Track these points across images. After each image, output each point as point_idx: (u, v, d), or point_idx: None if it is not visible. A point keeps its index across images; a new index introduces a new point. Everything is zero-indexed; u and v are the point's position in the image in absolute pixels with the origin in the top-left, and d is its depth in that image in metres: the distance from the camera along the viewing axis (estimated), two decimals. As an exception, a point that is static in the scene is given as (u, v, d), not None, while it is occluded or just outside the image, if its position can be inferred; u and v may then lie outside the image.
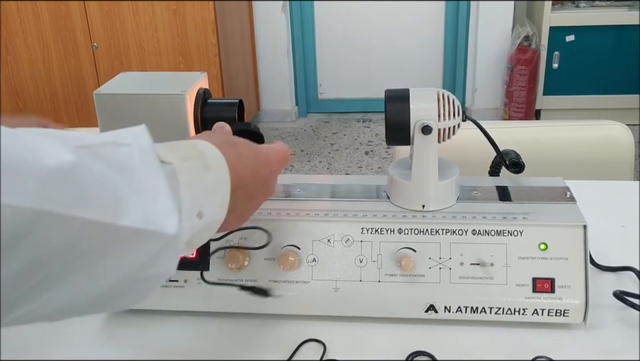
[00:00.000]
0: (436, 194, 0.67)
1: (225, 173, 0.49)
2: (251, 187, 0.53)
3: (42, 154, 0.34)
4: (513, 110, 3.40)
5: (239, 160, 0.51)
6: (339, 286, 0.65)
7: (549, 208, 0.67)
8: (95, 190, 0.37)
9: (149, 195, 0.40)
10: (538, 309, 0.63)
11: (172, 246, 0.42)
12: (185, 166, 0.45)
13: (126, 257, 0.40)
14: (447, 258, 0.65)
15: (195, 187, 0.45)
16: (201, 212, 0.45)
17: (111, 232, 0.38)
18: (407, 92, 0.65)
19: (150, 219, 0.40)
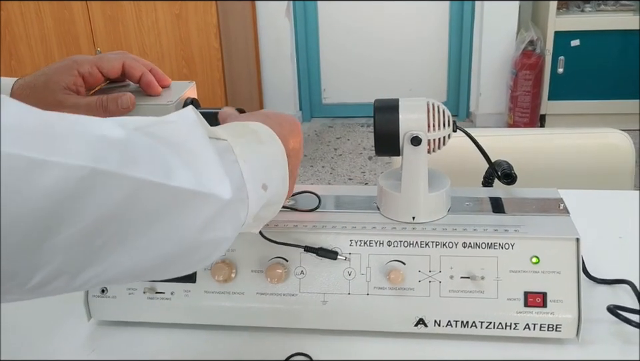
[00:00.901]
0: (426, 206, 0.66)
1: (279, 146, 0.52)
2: (297, 150, 0.57)
3: (95, 126, 0.37)
4: (517, 115, 3.38)
5: (283, 129, 0.54)
6: (327, 299, 0.64)
7: (542, 220, 0.65)
8: (146, 156, 0.39)
9: (199, 163, 0.42)
10: (529, 324, 0.62)
11: (228, 211, 0.43)
12: (240, 142, 0.47)
13: (183, 218, 0.40)
14: (437, 271, 0.63)
15: (254, 160, 0.47)
16: (265, 184, 0.48)
17: (164, 192, 0.39)
18: (396, 103, 0.64)
19: (202, 183, 0.41)
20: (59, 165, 0.33)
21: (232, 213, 0.44)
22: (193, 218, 0.41)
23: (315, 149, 3.45)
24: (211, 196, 0.41)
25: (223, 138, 0.46)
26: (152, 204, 0.39)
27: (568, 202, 0.69)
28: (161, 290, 0.66)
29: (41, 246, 0.34)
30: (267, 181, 0.48)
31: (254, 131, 0.50)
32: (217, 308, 0.66)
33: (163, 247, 0.41)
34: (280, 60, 3.60)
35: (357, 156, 3.33)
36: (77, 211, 0.35)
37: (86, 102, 0.64)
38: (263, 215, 0.51)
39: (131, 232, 0.38)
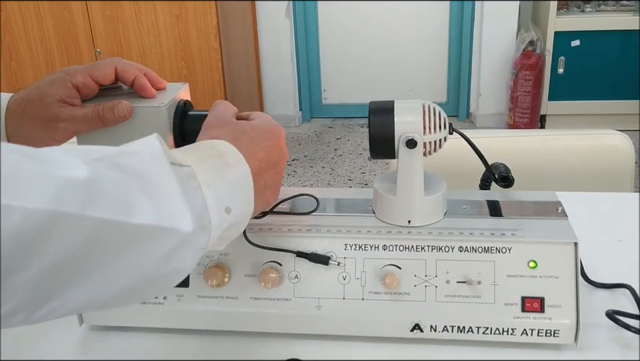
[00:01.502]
0: (422, 209, 0.65)
1: (245, 168, 0.52)
2: (271, 162, 0.56)
3: (60, 167, 0.38)
4: (517, 116, 3.37)
5: (254, 145, 0.54)
6: (322, 304, 0.64)
7: (540, 224, 0.65)
8: (108, 194, 0.39)
9: (161, 196, 0.43)
10: (527, 329, 0.61)
11: (189, 243, 0.44)
12: (204, 166, 0.48)
13: (144, 253, 0.42)
14: (433, 276, 0.63)
15: (218, 185, 0.48)
16: (229, 207, 0.48)
17: (126, 230, 0.40)
18: (391, 105, 0.63)
19: (163, 217, 0.42)
20: (20, 209, 0.34)
21: (192, 244, 0.45)
22: (153, 253, 0.42)
23: (315, 150, 3.44)
24: (171, 230, 0.43)
25: (187, 164, 0.47)
26: (113, 242, 0.40)
27: (566, 204, 0.68)
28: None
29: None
30: (231, 204, 0.49)
31: (220, 153, 0.51)
32: (210, 312, 0.65)
33: (122, 281, 0.42)
34: (280, 60, 3.59)
35: (357, 156, 3.32)
36: (38, 252, 0.36)
37: (82, 114, 0.63)
38: (227, 235, 0.51)
39: (91, 269, 0.40)
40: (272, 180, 0.57)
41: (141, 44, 2.92)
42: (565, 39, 3.23)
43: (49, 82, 0.63)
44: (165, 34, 2.89)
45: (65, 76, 0.63)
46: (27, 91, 0.64)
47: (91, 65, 0.65)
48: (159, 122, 0.63)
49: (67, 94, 0.63)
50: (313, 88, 3.79)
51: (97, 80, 0.64)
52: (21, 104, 0.63)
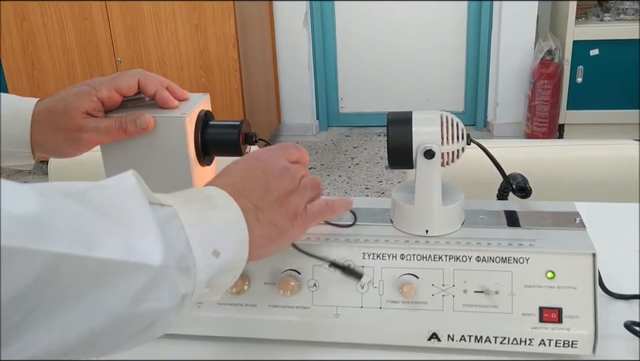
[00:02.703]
0: (440, 219, 0.65)
1: (235, 211, 0.49)
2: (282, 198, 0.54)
3: (8, 203, 0.35)
4: (535, 125, 3.35)
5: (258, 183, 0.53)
6: (340, 312, 0.64)
7: (558, 234, 0.65)
8: (65, 227, 0.37)
9: (131, 230, 0.40)
10: (545, 339, 0.61)
11: (163, 279, 0.41)
12: (188, 207, 0.46)
13: (110, 291, 0.39)
14: (451, 285, 0.63)
15: (203, 226, 0.45)
16: (217, 250, 0.45)
17: (87, 265, 0.37)
18: (409, 115, 0.64)
19: (130, 251, 0.39)
20: None
21: (168, 281, 0.42)
22: (121, 290, 0.40)
23: (332, 158, 3.45)
24: (140, 265, 0.40)
25: (168, 204, 0.45)
26: (73, 279, 0.37)
27: (584, 214, 0.68)
28: (175, 301, 0.67)
29: None
30: (220, 247, 0.46)
31: (208, 196, 0.49)
32: (230, 319, 0.66)
33: (89, 321, 0.39)
34: (297, 69, 3.62)
35: (374, 165, 3.33)
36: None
37: (106, 126, 0.64)
38: (219, 282, 0.48)
39: (53, 307, 0.37)
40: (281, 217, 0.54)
41: (161, 54, 2.96)
42: (584, 48, 3.22)
43: (75, 94, 0.64)
44: (184, 43, 2.93)
45: (90, 89, 0.65)
46: (52, 101, 0.66)
47: (115, 77, 0.66)
48: (180, 133, 0.64)
49: (92, 107, 0.64)
50: (330, 97, 3.80)
51: (120, 93, 0.66)
52: (47, 114, 0.65)
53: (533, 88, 3.30)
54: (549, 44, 3.21)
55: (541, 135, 3.34)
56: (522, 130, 3.52)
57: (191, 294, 0.45)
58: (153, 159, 0.66)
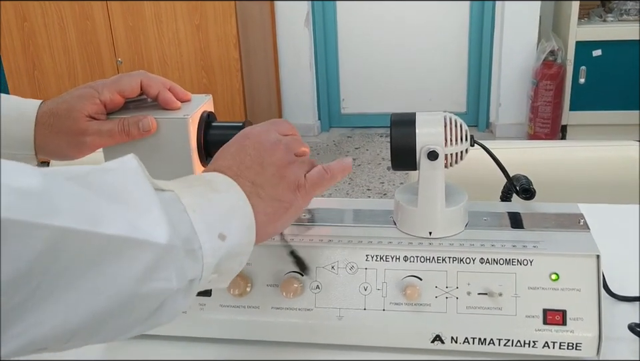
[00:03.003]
0: (443, 221, 0.65)
1: (238, 194, 0.49)
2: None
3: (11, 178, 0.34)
4: (538, 126, 3.35)
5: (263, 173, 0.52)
6: (343, 314, 0.64)
7: (561, 236, 0.64)
8: (70, 204, 0.36)
9: (136, 208, 0.40)
10: (549, 342, 0.61)
11: (169, 258, 0.40)
12: (190, 191, 0.45)
13: (116, 268, 0.38)
14: (454, 287, 0.63)
15: (206, 209, 0.45)
16: (222, 233, 0.45)
17: (92, 241, 0.36)
18: (412, 117, 0.63)
19: (136, 228, 0.39)
20: None
21: (174, 261, 0.41)
22: (127, 268, 0.38)
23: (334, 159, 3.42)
24: (146, 242, 0.39)
25: (169, 188, 0.44)
26: (78, 255, 0.36)
27: (588, 216, 0.68)
28: (177, 303, 0.66)
29: None
30: (226, 230, 0.45)
31: (209, 181, 0.48)
32: (232, 321, 0.66)
33: (95, 301, 0.38)
34: (299, 70, 3.62)
35: (376, 166, 3.32)
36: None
37: (108, 129, 0.64)
38: (227, 267, 0.47)
39: (56, 286, 0.36)
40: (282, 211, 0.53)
41: (162, 54, 2.96)
42: (587, 49, 3.21)
43: (78, 97, 0.64)
44: (185, 44, 2.93)
45: (92, 92, 0.64)
46: (55, 103, 0.66)
47: (117, 79, 0.66)
48: (183, 134, 0.64)
49: (94, 110, 0.64)
50: (331, 98, 3.80)
51: (123, 95, 0.66)
52: (50, 117, 0.65)
53: (535, 89, 3.29)
54: (551, 44, 3.21)
55: (544, 136, 3.34)
56: (524, 131, 3.52)
57: (199, 279, 0.44)
58: (156, 160, 0.65)
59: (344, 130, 3.86)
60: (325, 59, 3.69)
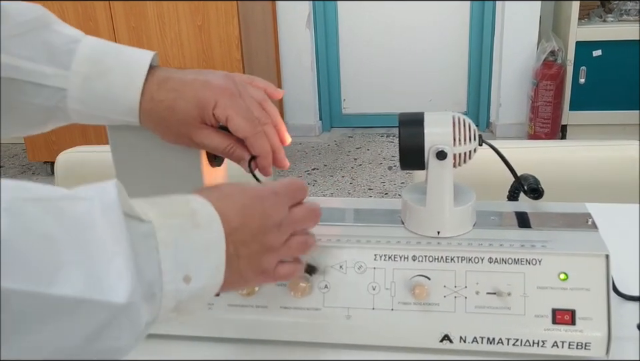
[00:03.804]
0: (451, 221, 0.65)
1: (218, 232, 0.46)
2: (247, 232, 0.49)
3: None
4: (538, 126, 3.35)
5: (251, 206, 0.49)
6: (351, 314, 0.64)
7: (570, 235, 0.64)
8: (25, 256, 0.33)
9: (101, 258, 0.36)
10: (558, 341, 0.61)
11: (124, 317, 0.38)
12: (168, 224, 0.42)
13: (63, 329, 0.35)
14: (463, 287, 0.63)
15: (180, 247, 0.42)
16: (188, 275, 0.42)
17: (42, 303, 0.34)
18: (421, 116, 0.64)
19: (94, 286, 0.36)
20: None
21: (130, 318, 0.38)
22: (75, 329, 0.36)
23: (335, 159, 3.45)
24: (101, 303, 0.36)
25: (148, 220, 0.41)
26: (24, 314, 0.33)
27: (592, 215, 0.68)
28: (185, 302, 0.66)
29: None
30: (193, 272, 0.43)
31: (193, 212, 0.45)
32: (240, 321, 0.66)
33: (35, 355, 0.35)
34: (300, 70, 3.62)
35: (377, 166, 3.33)
36: None
37: (214, 146, 0.62)
38: (186, 308, 0.44)
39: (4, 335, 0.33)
40: (246, 260, 0.50)
41: (164, 55, 2.96)
42: (587, 49, 3.22)
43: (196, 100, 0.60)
44: (187, 44, 2.93)
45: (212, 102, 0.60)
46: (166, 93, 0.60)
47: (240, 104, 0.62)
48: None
49: (208, 119, 0.61)
50: (332, 98, 3.81)
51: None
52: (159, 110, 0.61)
53: (535, 89, 3.29)
54: (551, 45, 3.21)
55: (544, 136, 3.34)
56: (524, 131, 3.52)
57: (154, 320, 0.42)
58: (164, 159, 0.65)
59: (345, 130, 3.87)
60: (326, 60, 3.69)
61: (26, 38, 0.60)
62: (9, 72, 0.59)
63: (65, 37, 0.61)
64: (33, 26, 0.60)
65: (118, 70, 0.60)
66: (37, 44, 0.60)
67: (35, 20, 0.60)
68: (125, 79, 0.60)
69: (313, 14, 3.56)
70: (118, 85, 0.60)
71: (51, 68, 0.60)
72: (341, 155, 3.50)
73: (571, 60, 3.23)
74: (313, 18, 3.56)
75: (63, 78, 0.60)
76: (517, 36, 3.38)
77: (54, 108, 0.61)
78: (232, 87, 0.60)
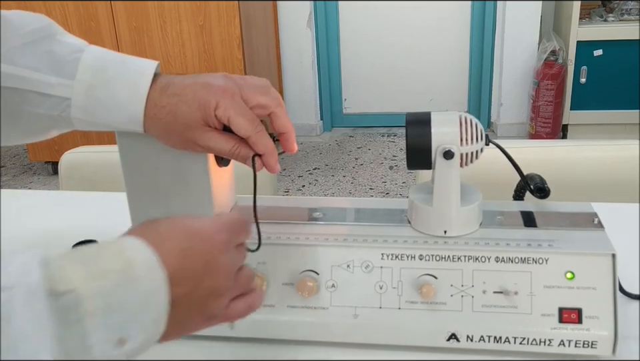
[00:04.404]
0: (458, 220, 0.65)
1: (159, 281, 0.42)
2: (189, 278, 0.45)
3: None
4: (539, 125, 3.35)
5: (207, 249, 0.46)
6: (358, 313, 0.64)
7: (576, 235, 0.65)
8: None
9: (26, 354, 0.35)
10: (564, 340, 0.61)
11: None
12: (97, 288, 0.39)
13: None
14: (470, 286, 0.63)
15: (112, 309, 0.39)
16: (123, 337, 0.39)
17: None
18: (428, 116, 0.64)
19: None
20: None
21: None
22: None
23: (336, 159, 3.45)
24: None
25: (70, 289, 0.37)
26: None
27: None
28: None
29: None
30: (128, 333, 0.40)
31: (127, 263, 0.41)
32: (248, 320, 0.65)
33: None
34: (301, 70, 3.62)
35: (378, 165, 3.33)
36: None
37: (219, 148, 0.61)
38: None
39: None
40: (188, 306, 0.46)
41: (166, 55, 2.96)
42: (588, 49, 3.22)
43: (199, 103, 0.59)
44: (189, 44, 2.93)
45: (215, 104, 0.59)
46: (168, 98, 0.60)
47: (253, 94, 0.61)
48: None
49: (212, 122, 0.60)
50: (333, 98, 3.81)
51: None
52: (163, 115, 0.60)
53: (536, 88, 3.30)
54: (552, 44, 3.21)
55: (545, 135, 3.34)
56: (525, 131, 3.53)
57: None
58: (172, 161, 0.66)
59: (346, 129, 3.87)
60: (327, 59, 3.70)
61: (31, 48, 0.60)
62: (13, 82, 0.60)
63: (69, 47, 0.61)
64: (37, 36, 0.61)
65: (122, 79, 0.60)
66: (42, 54, 0.60)
67: (39, 30, 0.61)
68: (129, 88, 0.60)
69: (314, 14, 3.56)
70: (122, 94, 0.60)
71: (55, 77, 0.60)
72: (342, 155, 3.50)
73: (571, 59, 3.23)
74: (314, 18, 3.56)
75: (67, 87, 0.60)
76: (518, 36, 3.38)
77: (57, 117, 0.62)
78: (232, 87, 0.60)
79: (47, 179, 3.46)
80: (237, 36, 2.88)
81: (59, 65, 0.60)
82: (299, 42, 3.57)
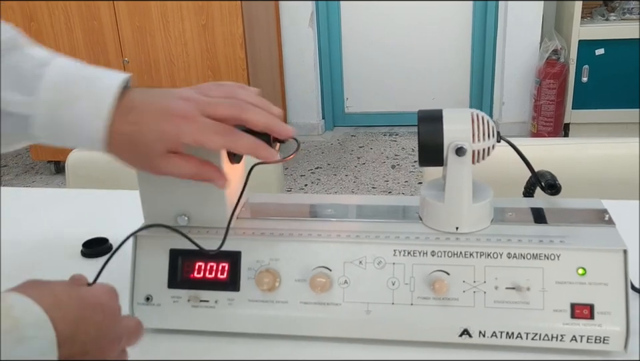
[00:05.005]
0: (470, 216, 0.66)
1: (47, 337, 0.41)
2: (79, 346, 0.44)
3: None
4: (541, 124, 3.36)
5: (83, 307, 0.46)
6: (371, 309, 0.65)
7: (587, 231, 0.65)
8: None
9: None
10: (576, 335, 0.62)
11: None
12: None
13: None
14: (482, 282, 0.63)
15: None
16: None
17: None
18: (440, 113, 0.64)
19: None
20: None
21: None
22: None
23: (338, 158, 3.45)
24: None
25: None
26: None
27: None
28: (205, 298, 0.67)
29: None
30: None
31: (15, 322, 0.40)
32: (261, 316, 0.66)
33: None
34: (303, 69, 3.62)
35: (380, 164, 3.33)
36: None
37: (184, 173, 0.60)
38: None
39: None
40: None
41: (168, 54, 2.97)
42: (589, 48, 3.23)
43: (159, 134, 0.58)
44: (191, 43, 2.93)
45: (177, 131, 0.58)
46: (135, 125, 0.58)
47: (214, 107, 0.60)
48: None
49: (175, 148, 0.59)
50: (335, 97, 3.81)
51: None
52: (125, 143, 0.59)
53: (538, 87, 3.30)
54: (554, 43, 3.22)
55: (546, 134, 3.35)
56: (527, 130, 3.53)
57: None
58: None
59: (348, 129, 3.87)
60: (328, 59, 3.70)
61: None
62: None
63: (33, 60, 0.59)
64: (1, 48, 0.58)
65: (85, 99, 0.58)
66: (5, 69, 0.58)
67: (4, 42, 0.59)
68: (91, 109, 0.57)
69: (316, 14, 3.56)
70: (84, 114, 0.58)
71: (16, 94, 0.58)
72: (344, 154, 3.51)
73: (573, 58, 3.24)
74: (315, 18, 3.56)
75: (28, 105, 0.58)
76: (520, 35, 3.39)
77: (21, 134, 0.60)
78: (192, 111, 0.58)
79: (49, 178, 3.46)
80: (239, 36, 2.88)
81: (21, 80, 0.58)
82: (301, 42, 3.57)
